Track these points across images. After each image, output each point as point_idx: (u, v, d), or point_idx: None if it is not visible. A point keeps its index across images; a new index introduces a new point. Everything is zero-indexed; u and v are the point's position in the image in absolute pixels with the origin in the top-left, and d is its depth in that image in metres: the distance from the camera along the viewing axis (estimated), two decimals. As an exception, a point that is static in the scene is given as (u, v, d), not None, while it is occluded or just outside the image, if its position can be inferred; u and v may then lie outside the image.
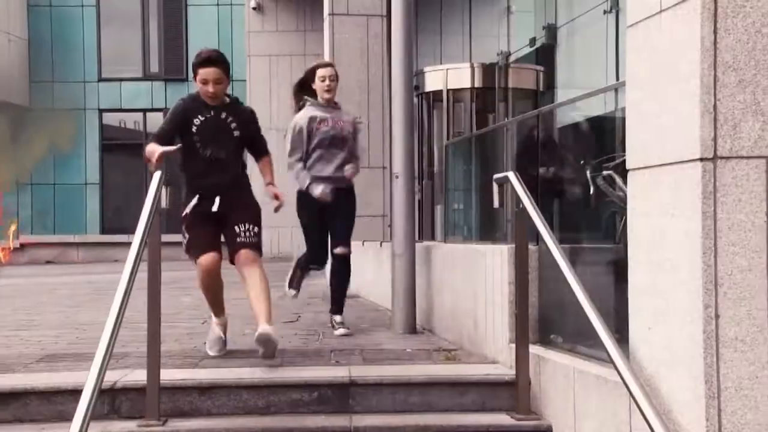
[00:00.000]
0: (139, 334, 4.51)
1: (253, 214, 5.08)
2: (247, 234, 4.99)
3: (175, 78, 20.33)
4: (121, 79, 20.70)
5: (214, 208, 5.00)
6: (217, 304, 5.31)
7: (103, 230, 20.60)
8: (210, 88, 4.96)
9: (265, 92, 17.24)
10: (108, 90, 20.75)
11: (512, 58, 10.79)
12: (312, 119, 6.12)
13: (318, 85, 6.16)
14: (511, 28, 11.37)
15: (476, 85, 9.68)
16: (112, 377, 4.32)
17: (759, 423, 2.88)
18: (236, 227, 4.99)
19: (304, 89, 6.27)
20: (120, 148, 20.95)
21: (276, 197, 5.17)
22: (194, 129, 5.01)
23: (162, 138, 4.98)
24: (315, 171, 6.15)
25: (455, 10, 12.24)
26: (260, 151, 5.35)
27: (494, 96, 9.68)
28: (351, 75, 9.58)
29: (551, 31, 10.46)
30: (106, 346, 3.26)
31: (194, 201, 5.05)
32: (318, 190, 6.08)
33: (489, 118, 9.59)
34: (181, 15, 20.77)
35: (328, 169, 6.16)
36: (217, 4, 20.78)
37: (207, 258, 4.98)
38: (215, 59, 4.97)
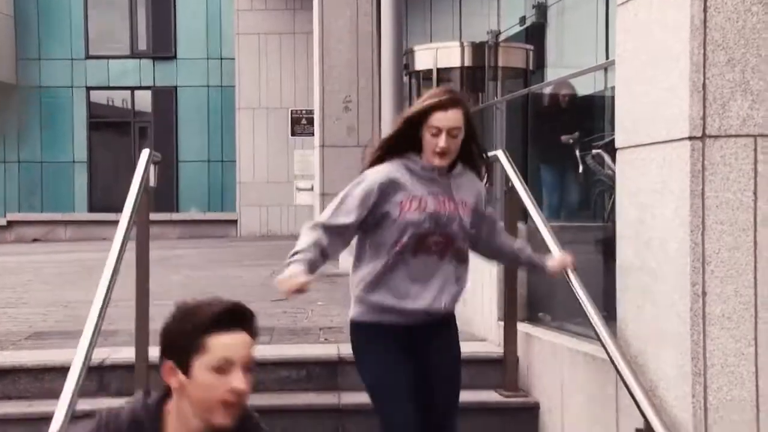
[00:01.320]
0: (128, 312, 4.51)
1: None
2: None
3: (163, 56, 20.18)
4: (108, 57, 20.53)
5: None
6: None
7: (91, 208, 20.48)
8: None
9: (254, 70, 17.16)
10: (95, 68, 20.57)
11: (502, 37, 10.75)
12: (392, 184, 3.15)
13: (427, 139, 3.14)
14: (501, 7, 11.32)
15: (466, 64, 9.65)
16: (101, 355, 4.32)
17: (744, 399, 2.90)
18: None
19: (409, 134, 3.18)
20: (108, 126, 20.80)
21: None
22: None
23: None
24: (383, 296, 3.16)
25: (445, -11, 12.16)
26: None
27: (484, 75, 9.66)
28: (340, 54, 9.57)
29: (541, 9, 10.41)
30: (95, 323, 3.26)
31: None
32: (288, 278, 2.93)
33: (479, 97, 9.57)
34: (169, -8, 20.58)
35: (419, 299, 3.18)
36: (206, -18, 20.60)
37: None
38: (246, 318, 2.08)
